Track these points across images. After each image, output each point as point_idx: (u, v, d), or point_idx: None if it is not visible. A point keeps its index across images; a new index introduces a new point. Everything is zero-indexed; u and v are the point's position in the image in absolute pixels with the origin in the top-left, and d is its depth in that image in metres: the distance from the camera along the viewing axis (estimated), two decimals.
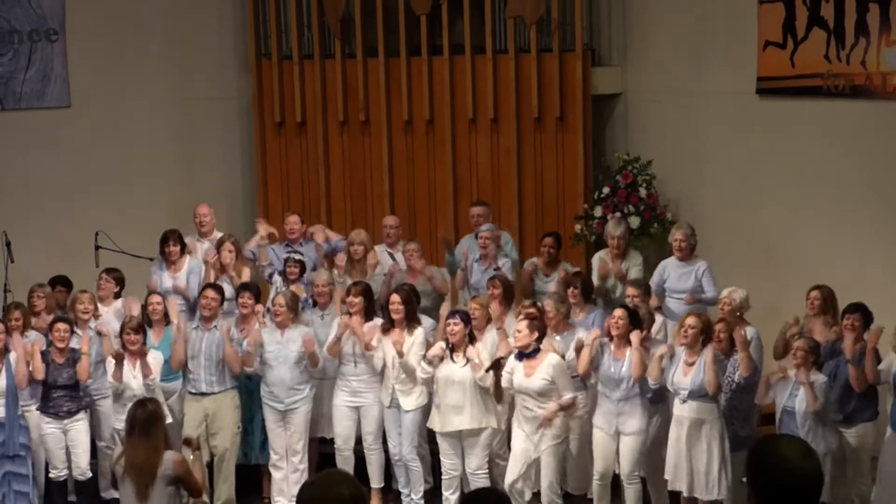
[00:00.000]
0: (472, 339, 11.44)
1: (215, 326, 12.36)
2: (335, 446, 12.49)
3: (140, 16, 15.84)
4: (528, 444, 11.22)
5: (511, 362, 11.18)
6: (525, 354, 11.11)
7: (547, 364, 11.06)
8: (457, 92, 15.79)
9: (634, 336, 11.17)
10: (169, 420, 11.56)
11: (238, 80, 16.45)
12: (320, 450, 12.86)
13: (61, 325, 12.11)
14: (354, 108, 16.00)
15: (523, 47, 15.62)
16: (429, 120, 15.90)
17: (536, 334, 11.11)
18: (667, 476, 11.35)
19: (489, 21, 15.56)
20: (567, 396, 11.03)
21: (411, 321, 11.98)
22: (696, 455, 11.08)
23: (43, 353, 12.10)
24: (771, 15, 14.23)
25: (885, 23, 13.24)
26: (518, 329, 11.15)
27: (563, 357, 11.40)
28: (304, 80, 16.04)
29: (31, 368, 12.00)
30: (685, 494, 11.26)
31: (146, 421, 9.53)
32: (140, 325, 12.05)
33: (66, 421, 12.14)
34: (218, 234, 13.85)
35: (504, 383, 11.18)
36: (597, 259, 13.54)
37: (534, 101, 15.61)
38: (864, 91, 13.52)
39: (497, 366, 11.20)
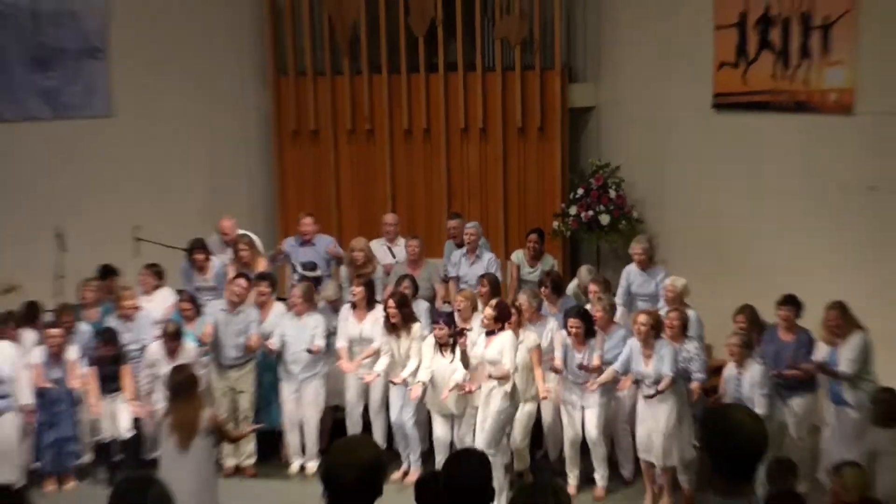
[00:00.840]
0: (459, 334, 11.36)
1: (239, 311, 12.47)
2: (346, 412, 12.59)
3: (173, 36, 15.80)
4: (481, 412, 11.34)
5: (476, 337, 11.34)
6: (489, 332, 11.22)
7: (501, 339, 11.15)
8: (450, 105, 15.85)
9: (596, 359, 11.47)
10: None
11: (258, 94, 16.45)
12: (334, 416, 12.88)
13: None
14: (361, 119, 16.04)
15: (509, 65, 15.64)
16: (426, 129, 15.96)
17: (500, 323, 11.23)
18: (639, 448, 11.47)
19: (479, 42, 15.60)
20: (504, 367, 11.10)
21: (407, 321, 12.04)
22: (660, 430, 11.18)
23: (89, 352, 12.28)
24: (726, 39, 14.22)
25: (825, 47, 13.18)
26: (485, 315, 11.25)
27: (538, 346, 11.63)
28: (317, 94, 16.07)
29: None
30: (653, 464, 11.38)
31: (186, 384, 9.83)
32: (177, 332, 12.12)
33: (112, 394, 12.25)
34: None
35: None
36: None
37: (518, 113, 15.67)
38: (806, 106, 13.43)
39: (460, 334, 11.29)
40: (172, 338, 12.02)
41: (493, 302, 11.46)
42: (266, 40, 16.22)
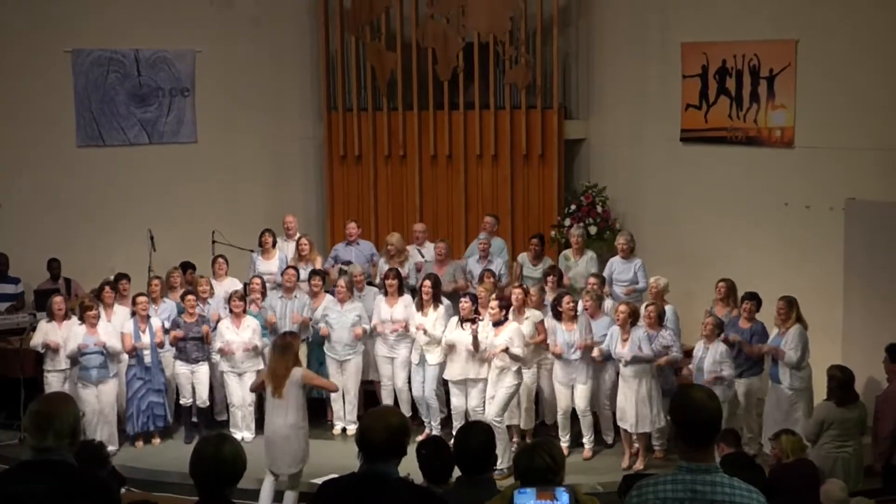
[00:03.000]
0: (476, 312, 11.37)
1: (295, 296, 12.43)
2: (381, 384, 12.51)
3: (246, 79, 15.80)
4: (491, 388, 11.27)
5: (487, 328, 11.22)
6: (496, 323, 11.18)
7: (508, 329, 11.13)
8: (468, 136, 15.76)
9: (595, 349, 11.40)
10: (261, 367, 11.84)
11: (314, 125, 16.37)
12: (366, 388, 12.84)
13: (191, 297, 12.26)
14: (396, 146, 15.97)
15: (516, 105, 15.57)
16: (448, 155, 15.87)
17: (504, 311, 11.23)
18: (618, 419, 11.45)
19: (492, 86, 15.53)
20: (514, 350, 11.04)
21: (436, 300, 12.02)
22: (638, 403, 11.16)
23: (176, 319, 12.22)
24: (691, 86, 14.26)
25: (771, 93, 13.34)
26: (491, 307, 11.20)
27: (542, 320, 11.58)
28: (361, 126, 15.99)
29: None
30: (630, 431, 11.34)
31: (283, 347, 10.07)
32: (243, 296, 12.14)
33: (193, 365, 12.22)
34: (298, 235, 13.85)
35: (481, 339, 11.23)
36: (562, 258, 13.60)
37: (523, 143, 15.60)
38: (755, 140, 13.57)
39: (472, 322, 11.23)
40: (240, 299, 12.02)
41: (494, 296, 11.46)
42: (321, 82, 16.17)
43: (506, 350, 11.00)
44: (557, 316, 11.53)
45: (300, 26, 16.30)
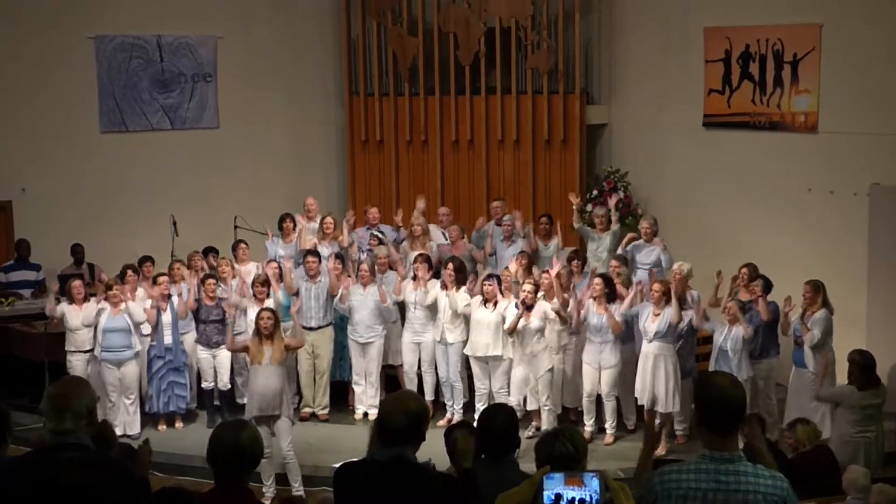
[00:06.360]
0: (500, 293, 11.51)
1: (320, 281, 12.37)
2: (404, 370, 12.46)
3: (268, 64, 15.86)
4: (526, 373, 11.36)
5: (516, 311, 11.30)
6: (528, 307, 11.21)
7: (538, 310, 11.23)
8: (490, 121, 15.73)
9: (616, 313, 11.36)
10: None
11: (336, 110, 16.39)
12: (388, 373, 12.80)
13: (211, 281, 12.22)
14: (417, 132, 15.96)
15: (538, 90, 15.53)
16: (470, 140, 15.84)
17: (535, 294, 11.28)
18: (636, 394, 11.41)
19: (514, 71, 15.49)
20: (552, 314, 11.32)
21: (458, 283, 11.99)
22: (658, 379, 11.12)
23: (197, 300, 12.18)
24: (714, 70, 14.22)
25: (795, 78, 13.31)
26: (524, 290, 11.26)
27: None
28: (382, 111, 15.99)
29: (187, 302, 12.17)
30: (647, 407, 11.30)
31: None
32: (265, 281, 12.05)
33: (214, 349, 12.19)
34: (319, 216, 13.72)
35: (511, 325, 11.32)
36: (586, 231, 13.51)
37: (545, 128, 15.55)
38: (779, 125, 13.55)
39: (529, 307, 11.25)
40: (262, 285, 11.94)
41: (530, 280, 11.54)
42: (343, 67, 16.17)
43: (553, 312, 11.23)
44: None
45: (322, 12, 16.32)
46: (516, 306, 11.35)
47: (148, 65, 15.18)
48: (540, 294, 11.52)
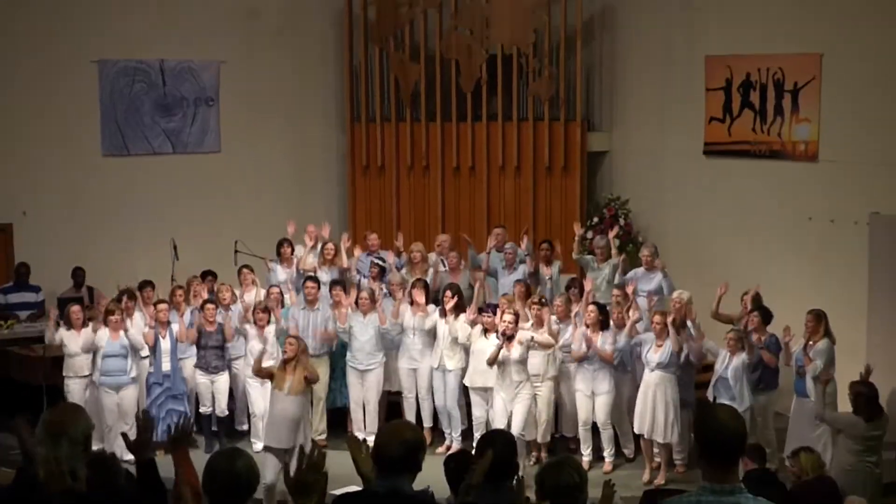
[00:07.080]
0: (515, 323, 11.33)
1: (318, 308, 12.34)
2: (403, 395, 12.45)
3: (270, 89, 15.82)
4: (505, 405, 11.15)
5: (497, 342, 11.17)
6: (508, 338, 11.06)
7: (518, 340, 11.06)
8: (491, 147, 15.71)
9: (607, 344, 11.34)
10: None
11: (337, 135, 16.40)
12: (391, 399, 12.73)
13: (210, 306, 12.17)
14: (419, 157, 15.95)
15: (539, 117, 15.51)
16: (471, 167, 15.82)
17: (516, 325, 11.16)
18: (635, 423, 11.37)
19: (515, 98, 15.49)
20: (539, 337, 11.20)
21: (457, 309, 11.96)
22: (658, 409, 11.10)
23: (198, 329, 12.16)
24: (714, 98, 14.21)
25: (795, 107, 13.32)
26: (505, 320, 11.10)
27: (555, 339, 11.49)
28: (384, 137, 15.98)
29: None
30: (646, 437, 11.27)
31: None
32: (266, 308, 12.05)
33: (213, 375, 12.16)
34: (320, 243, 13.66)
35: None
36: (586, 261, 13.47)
37: (546, 155, 15.52)
38: (779, 154, 13.55)
39: (510, 338, 11.13)
40: (263, 311, 11.94)
41: (510, 310, 11.35)
42: (345, 92, 16.18)
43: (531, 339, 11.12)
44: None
45: (324, 37, 16.35)
46: (497, 337, 11.28)
47: (150, 89, 15.19)
48: (528, 324, 11.45)
